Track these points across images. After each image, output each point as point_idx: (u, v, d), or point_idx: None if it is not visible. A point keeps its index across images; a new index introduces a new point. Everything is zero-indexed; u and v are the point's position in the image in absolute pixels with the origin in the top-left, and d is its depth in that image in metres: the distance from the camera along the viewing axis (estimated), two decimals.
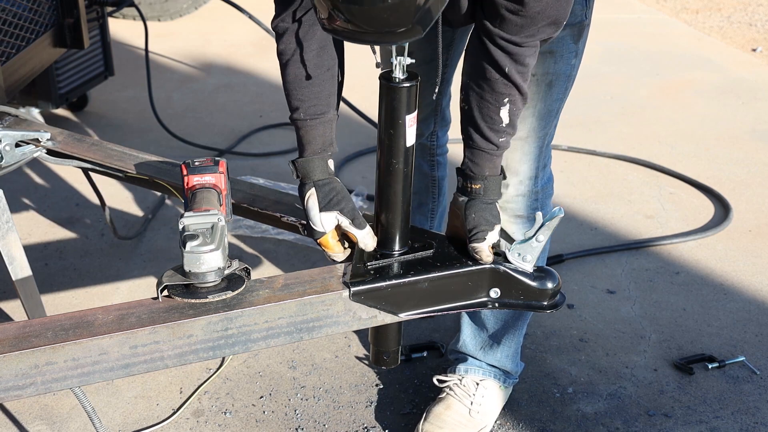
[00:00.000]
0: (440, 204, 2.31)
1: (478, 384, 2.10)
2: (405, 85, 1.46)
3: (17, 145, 2.04)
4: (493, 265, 1.57)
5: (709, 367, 2.33)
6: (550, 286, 1.58)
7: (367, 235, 1.60)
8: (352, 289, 1.51)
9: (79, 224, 3.07)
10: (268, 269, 2.81)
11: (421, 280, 1.55)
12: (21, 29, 2.85)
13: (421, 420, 2.07)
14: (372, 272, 1.56)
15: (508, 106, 1.57)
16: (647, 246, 2.96)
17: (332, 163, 1.65)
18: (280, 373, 2.31)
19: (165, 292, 1.46)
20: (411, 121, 1.51)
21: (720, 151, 3.76)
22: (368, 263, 1.58)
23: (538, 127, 1.84)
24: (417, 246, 1.63)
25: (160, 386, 2.26)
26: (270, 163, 3.61)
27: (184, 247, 1.40)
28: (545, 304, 1.59)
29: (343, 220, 1.60)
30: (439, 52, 1.53)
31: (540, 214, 1.54)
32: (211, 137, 3.85)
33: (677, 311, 2.60)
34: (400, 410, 2.18)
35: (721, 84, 4.62)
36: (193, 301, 1.44)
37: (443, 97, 2.14)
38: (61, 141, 2.08)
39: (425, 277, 1.55)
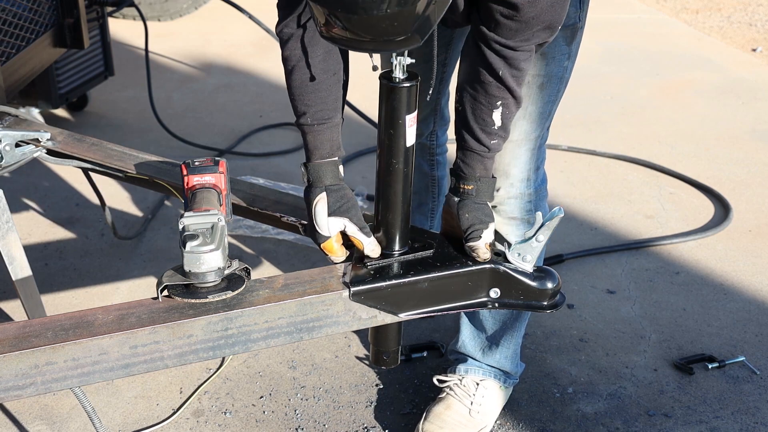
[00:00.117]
0: (440, 203, 2.31)
1: (478, 384, 2.10)
2: (405, 85, 1.46)
3: (17, 145, 2.04)
4: (493, 265, 1.57)
5: (709, 367, 2.33)
6: (550, 286, 1.58)
7: (373, 243, 1.61)
8: (352, 289, 1.51)
9: (79, 224, 3.07)
10: (268, 269, 2.81)
11: (421, 280, 1.55)
12: (21, 29, 2.85)
13: (421, 420, 2.07)
14: (372, 272, 1.56)
15: (500, 109, 1.57)
16: (647, 246, 2.96)
17: (342, 169, 1.66)
18: (280, 373, 2.31)
19: (165, 292, 1.46)
20: (411, 121, 1.51)
21: (720, 151, 3.76)
22: (368, 263, 1.59)
23: (529, 129, 1.84)
24: (417, 246, 1.63)
25: (160, 386, 2.26)
26: (270, 163, 3.61)
27: (184, 247, 1.40)
28: (545, 304, 1.59)
29: (352, 227, 1.60)
30: (434, 54, 1.53)
31: (540, 214, 1.55)
32: (211, 137, 3.85)
33: (677, 311, 2.60)
34: (400, 410, 2.18)
35: (721, 84, 4.62)
36: (193, 301, 1.45)
37: (442, 96, 2.14)
38: (61, 141, 2.08)
39: (425, 277, 1.55)
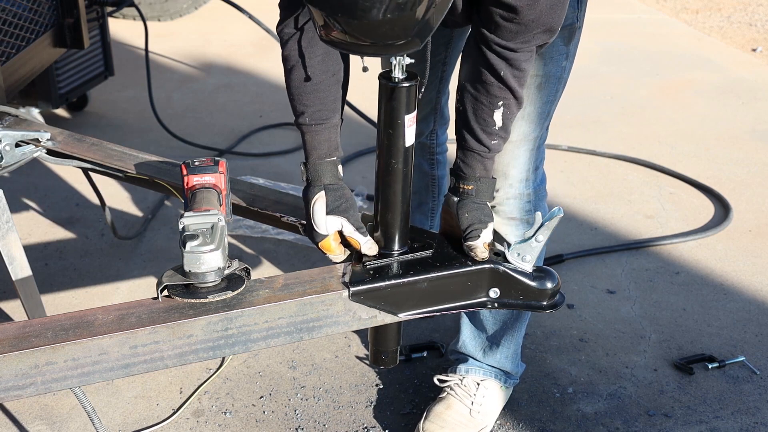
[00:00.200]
0: (440, 203, 2.31)
1: (479, 384, 2.10)
2: (404, 84, 1.46)
3: (17, 145, 2.04)
4: (492, 265, 1.57)
5: (709, 367, 2.33)
6: (549, 286, 1.58)
7: (370, 241, 1.61)
8: (352, 289, 1.51)
9: (79, 224, 3.07)
10: (268, 269, 2.81)
11: (420, 280, 1.55)
12: (21, 29, 2.85)
13: (421, 419, 2.07)
14: (371, 272, 1.56)
15: (502, 110, 1.58)
16: (647, 246, 2.96)
17: (341, 169, 1.66)
18: (280, 373, 2.31)
19: (165, 292, 1.46)
20: (410, 121, 1.51)
21: (720, 151, 3.76)
22: (368, 263, 1.59)
23: (528, 129, 1.84)
24: (416, 246, 1.63)
25: (160, 386, 2.26)
26: (270, 163, 3.61)
27: (184, 247, 1.40)
28: (545, 304, 1.59)
29: (348, 227, 1.60)
30: (428, 55, 1.53)
31: (539, 214, 1.55)
32: (211, 137, 3.85)
33: (677, 311, 2.60)
34: (400, 410, 2.18)
35: (721, 84, 4.62)
36: (193, 301, 1.45)
37: (442, 96, 2.15)
38: (61, 141, 2.08)
39: (425, 277, 1.55)
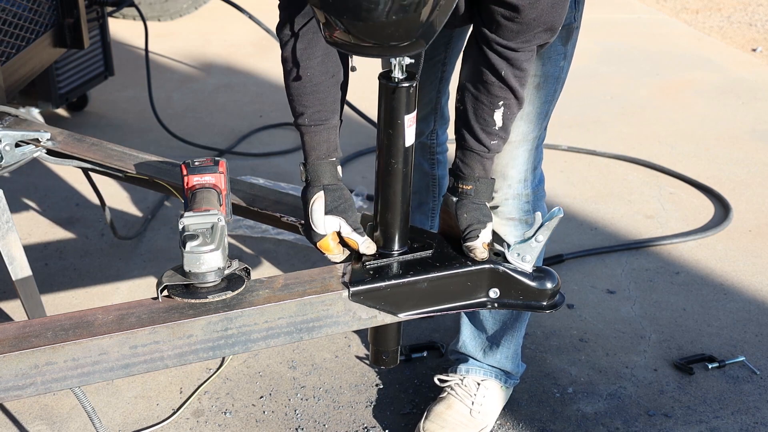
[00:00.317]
0: (440, 203, 2.31)
1: (479, 384, 2.10)
2: (404, 84, 1.46)
3: (17, 145, 2.04)
4: (492, 265, 1.57)
5: (709, 367, 2.33)
6: (549, 286, 1.58)
7: (368, 240, 1.61)
8: (352, 289, 1.51)
9: (79, 224, 3.07)
10: (268, 269, 2.81)
11: (420, 280, 1.55)
12: (21, 29, 2.85)
13: (421, 419, 2.07)
14: (371, 272, 1.56)
15: (502, 110, 1.58)
16: (647, 246, 2.96)
17: (340, 169, 1.66)
18: (280, 373, 2.31)
19: (165, 292, 1.46)
20: (410, 121, 1.51)
21: (720, 151, 3.76)
22: (367, 263, 1.59)
23: (526, 130, 1.84)
24: (416, 246, 1.63)
25: (160, 386, 2.26)
26: (270, 163, 3.61)
27: (184, 247, 1.40)
28: (544, 304, 1.59)
29: (346, 228, 1.61)
30: (422, 54, 1.53)
31: (539, 214, 1.55)
32: (211, 137, 3.85)
33: (677, 311, 2.60)
34: (400, 410, 2.18)
35: (721, 84, 4.62)
36: (193, 301, 1.45)
37: (442, 95, 2.15)
38: (61, 141, 2.08)
39: (424, 277, 1.55)
